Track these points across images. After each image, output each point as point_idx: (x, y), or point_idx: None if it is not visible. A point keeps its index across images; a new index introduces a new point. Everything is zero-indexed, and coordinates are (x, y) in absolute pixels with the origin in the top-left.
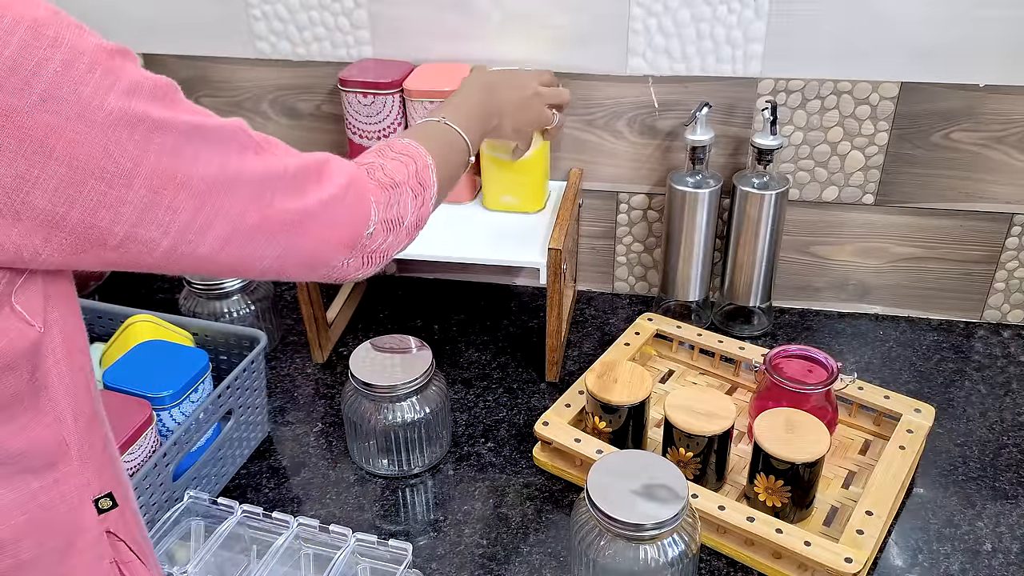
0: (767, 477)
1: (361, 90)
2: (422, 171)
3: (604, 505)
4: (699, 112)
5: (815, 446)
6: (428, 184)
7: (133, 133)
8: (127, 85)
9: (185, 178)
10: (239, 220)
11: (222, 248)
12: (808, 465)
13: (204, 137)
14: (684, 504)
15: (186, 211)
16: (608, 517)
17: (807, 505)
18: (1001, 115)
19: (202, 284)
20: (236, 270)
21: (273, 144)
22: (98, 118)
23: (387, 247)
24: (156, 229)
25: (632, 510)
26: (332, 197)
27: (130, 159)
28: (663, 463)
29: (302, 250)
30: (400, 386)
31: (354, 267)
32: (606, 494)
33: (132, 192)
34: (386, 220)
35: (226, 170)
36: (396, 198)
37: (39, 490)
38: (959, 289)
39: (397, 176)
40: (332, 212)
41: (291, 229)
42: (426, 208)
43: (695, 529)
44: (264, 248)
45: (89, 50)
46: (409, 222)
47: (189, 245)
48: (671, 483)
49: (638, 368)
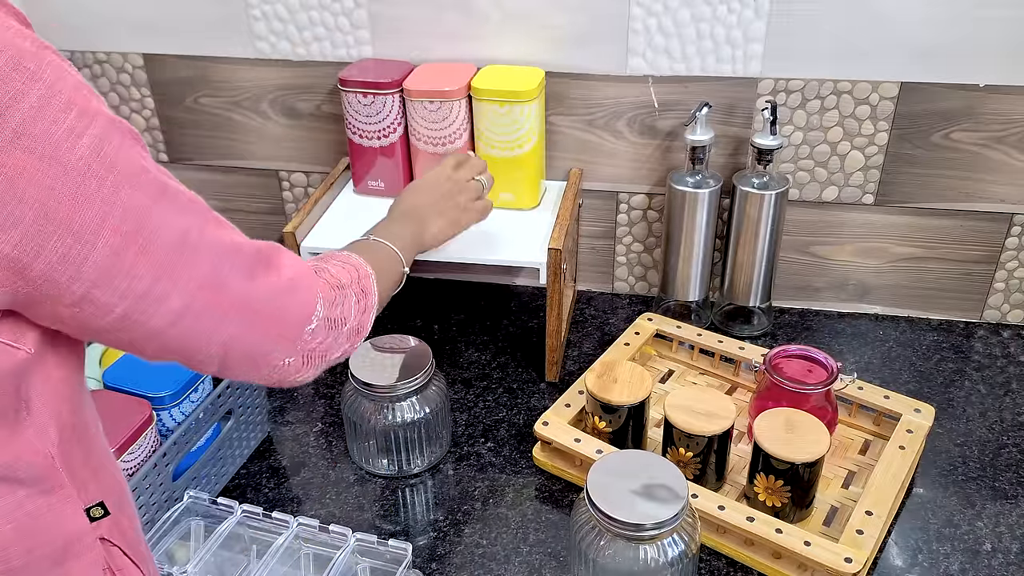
0: (767, 477)
1: (361, 90)
2: (364, 279)
3: (604, 505)
4: (699, 112)
5: (815, 446)
6: (370, 291)
7: (102, 185)
8: (100, 130)
9: (147, 242)
10: (194, 295)
11: (173, 324)
12: (808, 465)
13: (170, 200)
14: (684, 504)
15: (145, 279)
16: (608, 517)
17: (807, 505)
18: (1001, 115)
19: None
20: (181, 352)
21: (228, 223)
22: (70, 161)
23: (327, 348)
24: (113, 294)
25: (632, 510)
26: (281, 286)
27: (97, 214)
28: (663, 463)
29: (247, 340)
30: (400, 386)
31: (294, 368)
32: (606, 494)
33: (96, 251)
34: (330, 318)
35: (188, 239)
36: (341, 298)
37: (25, 499)
38: (959, 289)
39: (343, 279)
40: (279, 301)
41: (240, 313)
42: (367, 315)
43: (695, 529)
44: (212, 331)
45: (67, 89)
46: (351, 326)
47: (143, 315)
48: (671, 483)
49: (638, 368)
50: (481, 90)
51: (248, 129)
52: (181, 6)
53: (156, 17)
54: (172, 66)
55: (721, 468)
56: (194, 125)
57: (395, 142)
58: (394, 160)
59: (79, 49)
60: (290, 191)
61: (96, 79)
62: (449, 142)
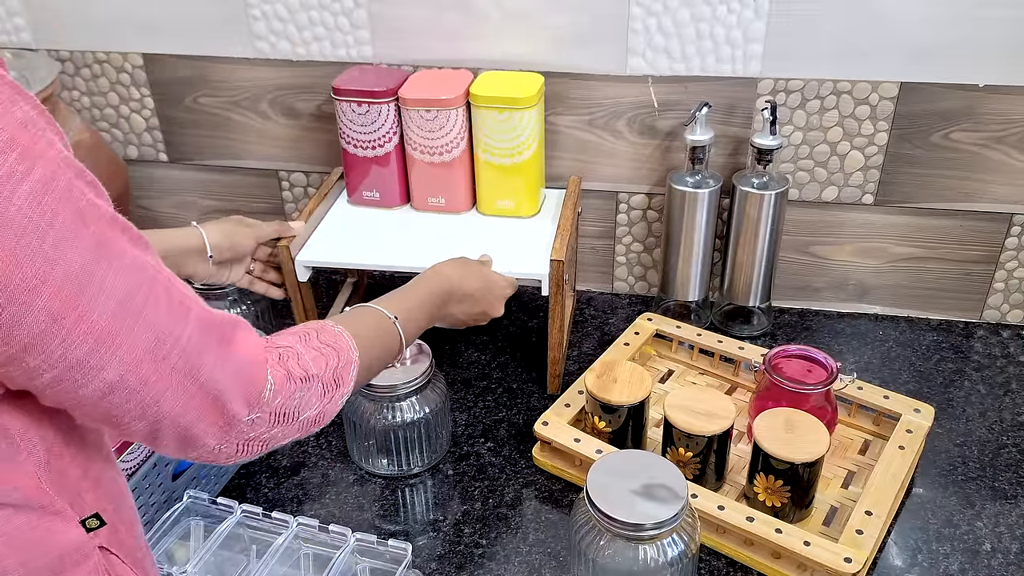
0: (767, 477)
1: (356, 99)
2: (343, 368)
3: (603, 505)
4: (699, 112)
5: (815, 446)
6: (345, 381)
7: (43, 242)
8: (44, 174)
9: (87, 309)
10: (131, 369)
11: (104, 396)
12: (808, 465)
13: (116, 258)
14: (684, 504)
15: (81, 348)
16: (607, 517)
17: (807, 505)
18: (1000, 115)
19: (200, 285)
20: (109, 422)
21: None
22: (7, 212)
23: (271, 437)
24: (46, 360)
25: (631, 510)
26: (228, 370)
27: (35, 274)
28: (662, 463)
29: (180, 421)
30: (400, 386)
31: (226, 454)
32: (605, 494)
33: (31, 315)
34: (278, 412)
35: (131, 305)
36: (303, 391)
37: (13, 515)
38: (958, 289)
39: (312, 369)
40: (222, 385)
41: (177, 393)
42: (334, 405)
43: (695, 529)
44: (145, 407)
45: (11, 125)
46: (309, 416)
47: (74, 383)
48: (670, 483)
49: (638, 368)
50: (480, 97)
51: (248, 129)
52: (181, 6)
53: (156, 17)
54: (172, 66)
55: (721, 468)
56: (194, 125)
57: (390, 152)
58: (389, 170)
59: (79, 49)
60: (290, 191)
61: (96, 79)
62: (447, 151)
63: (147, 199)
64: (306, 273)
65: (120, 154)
